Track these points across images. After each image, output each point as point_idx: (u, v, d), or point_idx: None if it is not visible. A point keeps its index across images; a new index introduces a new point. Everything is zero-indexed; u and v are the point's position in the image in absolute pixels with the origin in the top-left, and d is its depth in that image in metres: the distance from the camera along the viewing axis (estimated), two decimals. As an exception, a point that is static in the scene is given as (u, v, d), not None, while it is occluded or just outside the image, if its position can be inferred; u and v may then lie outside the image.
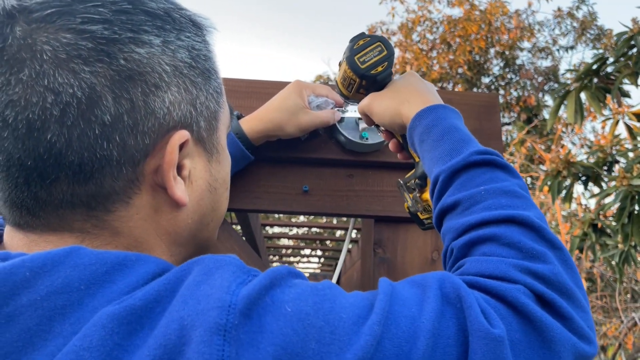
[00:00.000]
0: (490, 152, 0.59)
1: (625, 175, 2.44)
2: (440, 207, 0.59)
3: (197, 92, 0.49)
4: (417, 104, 0.68)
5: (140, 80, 0.44)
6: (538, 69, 8.40)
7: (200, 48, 0.50)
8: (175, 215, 0.50)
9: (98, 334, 0.36)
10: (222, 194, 0.57)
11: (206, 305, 0.38)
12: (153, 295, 0.39)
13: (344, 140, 0.95)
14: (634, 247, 2.68)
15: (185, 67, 0.48)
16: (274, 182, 0.99)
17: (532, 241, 0.50)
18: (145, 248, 0.49)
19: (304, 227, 5.11)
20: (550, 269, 0.47)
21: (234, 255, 0.44)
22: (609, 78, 2.91)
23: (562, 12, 8.32)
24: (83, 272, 0.40)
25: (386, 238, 1.00)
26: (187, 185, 0.50)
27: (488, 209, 0.53)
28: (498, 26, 8.04)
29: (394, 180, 1.00)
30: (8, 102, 0.42)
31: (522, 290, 0.46)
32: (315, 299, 0.41)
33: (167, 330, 0.37)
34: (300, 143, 0.97)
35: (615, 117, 3.23)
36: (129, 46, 0.44)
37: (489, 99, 1.03)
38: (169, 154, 0.46)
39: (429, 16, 8.43)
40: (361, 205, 0.99)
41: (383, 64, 0.73)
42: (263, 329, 0.38)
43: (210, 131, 0.52)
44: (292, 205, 0.98)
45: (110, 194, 0.45)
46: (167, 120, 0.46)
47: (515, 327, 0.44)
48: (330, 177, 1.00)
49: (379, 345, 0.40)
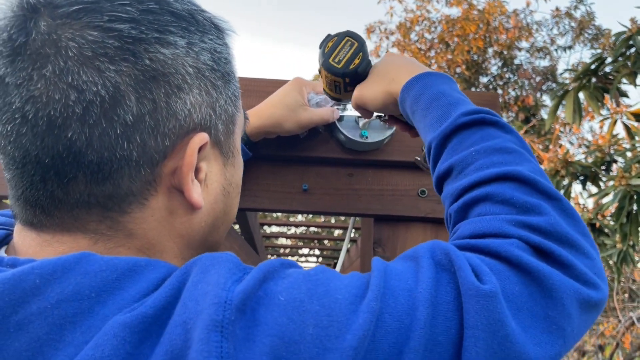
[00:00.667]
0: (479, 111, 0.58)
1: (624, 174, 2.45)
2: (436, 175, 0.59)
3: (217, 95, 0.49)
4: (403, 78, 0.68)
5: (163, 81, 0.44)
6: (536, 69, 8.40)
7: (221, 51, 0.50)
8: (190, 218, 0.49)
9: (110, 343, 0.36)
10: (234, 198, 0.56)
11: (203, 304, 0.37)
12: (162, 302, 0.38)
13: (344, 139, 0.94)
14: (632, 246, 2.69)
15: (207, 70, 0.48)
16: (273, 180, 0.98)
17: (525, 195, 0.49)
18: (158, 250, 0.48)
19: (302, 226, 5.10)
20: (546, 219, 0.47)
21: (231, 253, 0.44)
22: (607, 78, 2.92)
23: (560, 11, 8.33)
24: (93, 279, 0.39)
25: (386, 237, 1.00)
26: (203, 189, 0.49)
27: (480, 169, 0.53)
28: (496, 26, 8.04)
29: (394, 179, 0.99)
30: (29, 97, 0.41)
31: (516, 244, 0.46)
32: (309, 285, 0.40)
33: (172, 336, 0.37)
34: (300, 141, 0.97)
35: (613, 117, 3.23)
36: (155, 46, 0.43)
37: (490, 98, 1.02)
38: (189, 156, 0.46)
39: (427, 16, 8.43)
40: (361, 204, 0.98)
41: (358, 56, 0.74)
42: (257, 322, 0.38)
43: (227, 135, 0.52)
44: (292, 204, 0.98)
45: (127, 195, 0.45)
46: (188, 122, 0.46)
47: (514, 280, 0.44)
48: (330, 176, 0.99)
49: (379, 321, 0.39)
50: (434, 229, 1.00)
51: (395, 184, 0.99)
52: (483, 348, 0.40)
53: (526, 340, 0.41)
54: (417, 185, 0.99)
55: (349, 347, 0.37)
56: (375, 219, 1.01)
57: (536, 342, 0.42)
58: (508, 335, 0.41)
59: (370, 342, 0.39)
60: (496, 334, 0.40)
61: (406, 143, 0.98)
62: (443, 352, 0.41)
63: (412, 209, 0.98)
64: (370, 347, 0.39)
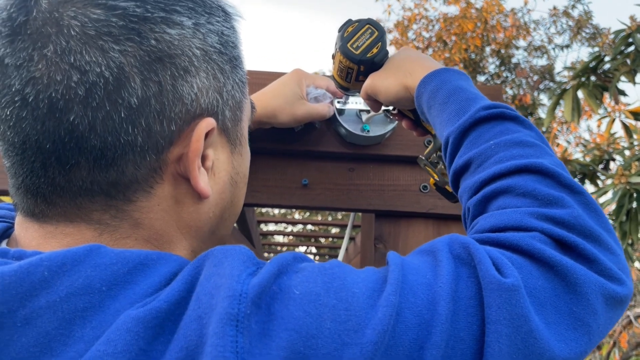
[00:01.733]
0: (498, 106, 0.57)
1: (624, 172, 2.44)
2: (453, 169, 0.57)
3: (224, 80, 0.47)
4: (419, 73, 0.66)
5: (170, 63, 0.42)
6: (533, 68, 8.42)
7: (229, 34, 0.48)
8: (197, 207, 0.48)
9: (123, 338, 0.34)
10: (241, 189, 0.54)
11: (218, 297, 0.36)
12: (175, 297, 0.37)
13: (345, 133, 0.93)
14: (630, 244, 2.69)
15: (214, 53, 0.46)
16: (272, 175, 0.97)
17: (548, 187, 0.48)
18: (166, 241, 0.46)
19: (300, 224, 5.10)
20: (569, 212, 0.45)
21: (244, 246, 0.42)
22: (606, 76, 2.91)
23: (558, 10, 8.34)
24: (104, 272, 0.37)
25: (387, 233, 0.98)
26: (210, 177, 0.48)
27: (500, 162, 0.51)
28: (494, 24, 8.05)
29: (396, 174, 0.98)
30: (29, 79, 0.39)
31: (538, 237, 0.44)
32: (325, 279, 0.39)
33: (188, 331, 0.35)
34: (300, 135, 0.95)
35: (611, 115, 3.23)
36: (161, 26, 0.41)
37: (493, 91, 1.01)
38: (195, 142, 0.44)
39: (425, 14, 8.43)
40: (362, 200, 0.96)
41: (377, 45, 0.72)
42: (273, 316, 0.36)
43: (234, 122, 0.50)
44: (292, 199, 0.96)
45: (132, 183, 0.43)
46: (195, 107, 0.44)
47: (536, 275, 0.42)
48: (331, 171, 0.97)
49: (399, 317, 0.38)
50: (435, 225, 0.98)
51: (397, 179, 0.98)
52: (506, 344, 0.39)
53: (550, 336, 0.40)
54: (419, 180, 0.97)
55: (368, 342, 0.36)
56: (376, 215, 0.99)
57: (561, 339, 0.40)
58: (532, 330, 0.39)
59: (391, 337, 0.37)
60: (520, 329, 0.39)
61: (408, 137, 0.97)
62: (465, 349, 0.39)
63: (413, 204, 0.96)
64: (390, 343, 0.37)
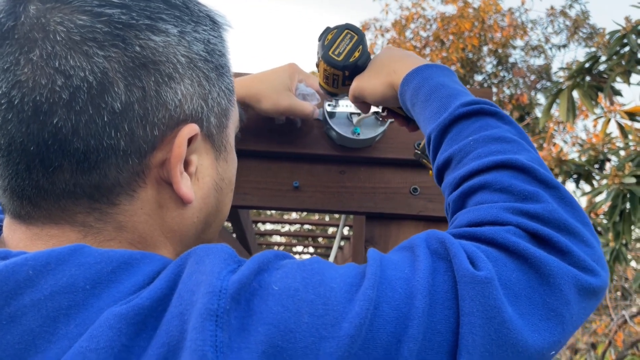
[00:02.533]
0: (477, 102, 0.58)
1: (617, 173, 2.45)
2: (436, 166, 0.59)
3: (210, 87, 0.48)
4: (404, 70, 0.67)
5: (154, 69, 0.43)
6: (531, 67, 8.43)
7: (215, 43, 0.49)
8: (181, 212, 0.48)
9: (106, 334, 0.35)
10: (227, 195, 0.55)
11: (198, 293, 0.37)
12: (158, 294, 0.38)
13: (336, 136, 0.93)
14: (624, 245, 2.70)
15: (200, 61, 0.47)
16: (264, 177, 0.97)
17: (524, 183, 0.49)
18: (149, 245, 0.47)
19: (296, 224, 5.10)
20: (543, 207, 0.47)
21: (226, 244, 0.43)
22: (601, 76, 2.92)
23: (555, 10, 8.35)
24: (88, 271, 0.38)
25: (378, 235, 0.99)
26: (194, 182, 0.49)
27: (478, 158, 0.53)
28: (491, 24, 8.05)
29: (386, 176, 0.98)
30: (15, 82, 0.40)
31: (512, 231, 0.46)
32: (304, 274, 0.40)
33: (169, 327, 0.36)
34: (292, 138, 0.95)
35: (607, 116, 3.24)
36: (146, 33, 0.43)
37: (482, 94, 1.01)
38: (177, 147, 0.45)
39: (423, 13, 8.43)
40: (353, 202, 0.97)
41: (358, 49, 0.72)
42: (251, 312, 0.37)
43: (220, 128, 0.51)
44: (283, 201, 0.96)
45: (115, 186, 0.44)
46: (178, 113, 0.45)
47: (510, 267, 0.43)
48: (322, 173, 0.98)
49: (377, 310, 0.39)
50: (426, 227, 0.99)
51: (388, 182, 0.98)
52: (480, 335, 0.40)
53: (524, 327, 0.41)
54: (409, 182, 0.98)
55: (345, 335, 0.37)
56: (367, 217, 1.00)
57: (534, 329, 0.41)
58: (505, 321, 0.40)
59: (368, 331, 0.38)
60: (492, 320, 0.40)
61: (399, 140, 0.97)
62: (442, 341, 0.40)
63: (404, 206, 0.97)
64: (368, 336, 0.38)
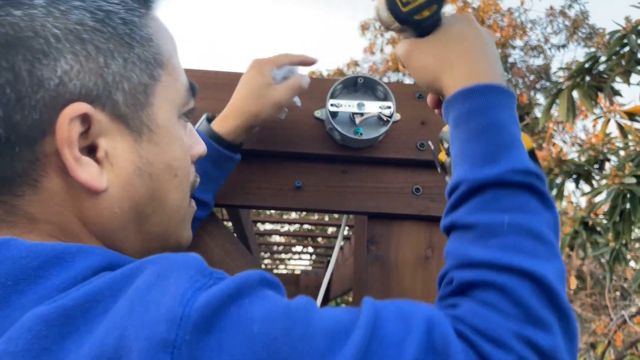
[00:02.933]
0: (530, 172, 0.49)
1: (617, 173, 2.45)
2: (451, 220, 0.52)
3: (106, 60, 0.44)
4: (463, 74, 0.55)
5: (20, 47, 0.39)
6: (530, 67, 8.43)
7: (115, 10, 0.45)
8: (96, 202, 0.45)
9: (24, 337, 0.33)
10: (165, 181, 0.50)
11: (154, 316, 0.33)
12: (91, 294, 0.35)
13: (338, 136, 0.93)
14: (624, 245, 2.70)
15: (85, 32, 0.43)
16: (265, 177, 0.97)
17: (541, 305, 0.44)
18: (71, 237, 0.44)
19: (296, 223, 5.09)
20: (551, 342, 0.43)
21: (196, 255, 0.40)
22: (601, 76, 2.92)
23: (555, 10, 8.35)
24: (12, 266, 0.37)
25: (379, 235, 0.99)
26: (107, 168, 0.45)
27: (505, 250, 0.46)
28: (490, 24, 8.05)
29: (388, 176, 0.98)
30: None
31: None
32: (287, 323, 0.36)
33: (106, 338, 0.33)
34: (293, 138, 0.95)
35: (606, 116, 3.24)
36: (5, 9, 0.39)
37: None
38: (60, 129, 0.41)
39: (422, 13, 8.42)
40: (355, 202, 0.97)
41: (431, 7, 0.58)
42: (221, 348, 0.34)
43: (135, 107, 0.46)
44: (284, 201, 0.96)
45: (13, 177, 0.42)
46: (62, 92, 0.41)
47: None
48: (324, 173, 0.98)
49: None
50: (427, 226, 0.99)
51: (389, 182, 0.98)
52: None
53: None
54: (411, 182, 0.98)
55: None
56: (368, 217, 1.00)
57: None
58: None
59: None
60: None
61: (401, 140, 0.97)
62: None
63: (406, 206, 0.97)
64: None
